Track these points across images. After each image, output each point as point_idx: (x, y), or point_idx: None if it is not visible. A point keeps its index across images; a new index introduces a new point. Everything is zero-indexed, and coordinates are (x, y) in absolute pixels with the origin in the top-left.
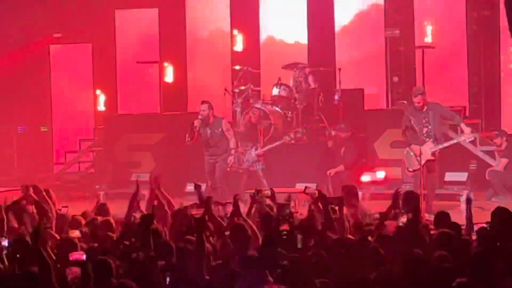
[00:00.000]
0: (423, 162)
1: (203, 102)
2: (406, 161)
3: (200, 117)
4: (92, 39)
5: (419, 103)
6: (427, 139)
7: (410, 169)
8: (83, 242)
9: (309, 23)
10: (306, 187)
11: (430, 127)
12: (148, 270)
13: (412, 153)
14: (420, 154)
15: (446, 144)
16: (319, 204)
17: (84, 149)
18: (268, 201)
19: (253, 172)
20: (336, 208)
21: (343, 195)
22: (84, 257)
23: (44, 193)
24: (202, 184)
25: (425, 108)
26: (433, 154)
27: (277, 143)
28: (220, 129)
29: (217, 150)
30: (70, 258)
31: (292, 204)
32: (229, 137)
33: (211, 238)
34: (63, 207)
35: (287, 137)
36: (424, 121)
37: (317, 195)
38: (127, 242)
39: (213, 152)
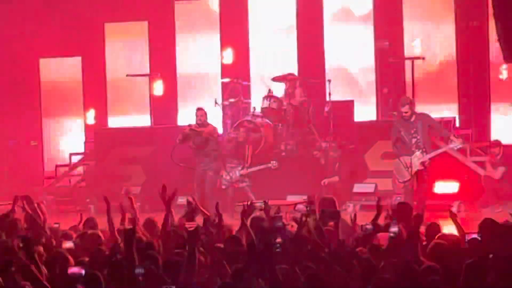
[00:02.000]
0: (413, 173)
1: (199, 109)
2: (396, 173)
3: (199, 122)
4: (82, 52)
5: (406, 112)
6: (416, 150)
7: (400, 180)
8: (74, 256)
9: (299, 35)
10: (296, 205)
11: (418, 137)
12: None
13: (402, 164)
14: (410, 165)
15: (434, 153)
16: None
17: (74, 163)
18: (258, 213)
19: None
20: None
21: (322, 207)
22: (83, 271)
23: (36, 205)
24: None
25: (413, 118)
26: (423, 164)
27: (263, 166)
28: (210, 136)
29: (208, 157)
30: (69, 273)
31: (283, 216)
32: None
33: (201, 249)
34: (55, 224)
35: (274, 162)
36: (412, 131)
37: (306, 211)
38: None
39: (203, 159)
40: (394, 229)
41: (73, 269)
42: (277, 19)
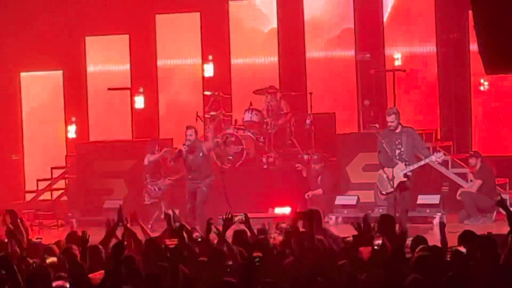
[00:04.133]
0: (395, 184)
1: (188, 128)
2: (379, 184)
3: (187, 143)
4: (63, 65)
5: (392, 122)
6: (399, 161)
7: (383, 192)
8: (56, 271)
9: (280, 48)
10: (278, 224)
11: (402, 149)
12: None
13: (384, 176)
14: (393, 177)
15: (416, 165)
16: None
17: (56, 177)
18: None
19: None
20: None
21: (308, 219)
22: (68, 285)
23: (18, 220)
24: (175, 209)
25: (399, 129)
26: (405, 175)
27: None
28: (201, 153)
29: (200, 174)
30: (54, 285)
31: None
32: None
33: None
34: (37, 238)
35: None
36: (397, 142)
37: (289, 229)
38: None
39: (196, 176)
40: (378, 241)
41: (57, 283)
42: (258, 31)
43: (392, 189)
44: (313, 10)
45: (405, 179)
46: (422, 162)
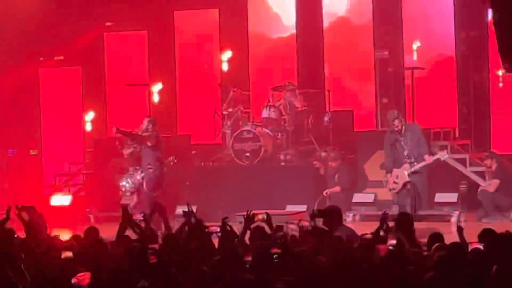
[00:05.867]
0: (401, 184)
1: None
2: (385, 185)
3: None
4: (81, 61)
5: (397, 126)
6: (407, 160)
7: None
8: (74, 265)
9: (298, 46)
10: (299, 221)
11: (408, 148)
12: None
13: (390, 177)
14: (397, 177)
15: (418, 166)
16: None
17: (74, 172)
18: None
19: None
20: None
21: (328, 217)
22: (86, 281)
23: (38, 215)
24: (192, 206)
25: (403, 130)
26: (409, 175)
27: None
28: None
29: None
30: (72, 282)
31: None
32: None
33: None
34: (54, 234)
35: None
36: (402, 143)
37: (309, 227)
38: None
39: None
40: (392, 241)
41: (77, 279)
42: (276, 28)
43: (397, 190)
44: (333, 6)
45: (410, 179)
46: (424, 163)
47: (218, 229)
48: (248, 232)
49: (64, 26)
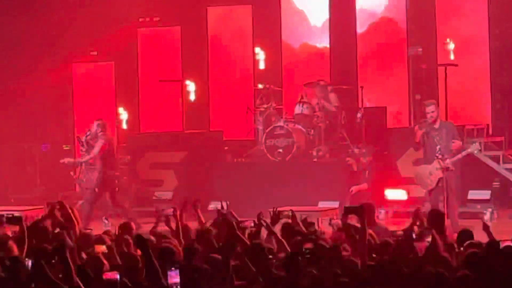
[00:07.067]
0: (434, 182)
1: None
2: (418, 182)
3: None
4: (115, 57)
5: (433, 112)
6: (439, 156)
7: (424, 190)
8: (108, 259)
9: (332, 42)
10: (330, 220)
11: (443, 144)
12: None
13: (422, 174)
14: (430, 174)
15: (449, 161)
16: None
17: None
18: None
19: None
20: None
21: (361, 213)
22: (117, 276)
23: (69, 210)
24: (223, 202)
25: (438, 124)
26: (443, 171)
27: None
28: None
29: None
30: (104, 278)
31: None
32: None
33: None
34: (87, 229)
35: None
36: (437, 138)
37: (340, 226)
38: None
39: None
40: (429, 238)
41: (108, 274)
42: (309, 24)
43: (432, 187)
44: (366, 2)
45: (443, 174)
46: (455, 158)
47: (252, 224)
48: (279, 228)
49: (98, 21)
